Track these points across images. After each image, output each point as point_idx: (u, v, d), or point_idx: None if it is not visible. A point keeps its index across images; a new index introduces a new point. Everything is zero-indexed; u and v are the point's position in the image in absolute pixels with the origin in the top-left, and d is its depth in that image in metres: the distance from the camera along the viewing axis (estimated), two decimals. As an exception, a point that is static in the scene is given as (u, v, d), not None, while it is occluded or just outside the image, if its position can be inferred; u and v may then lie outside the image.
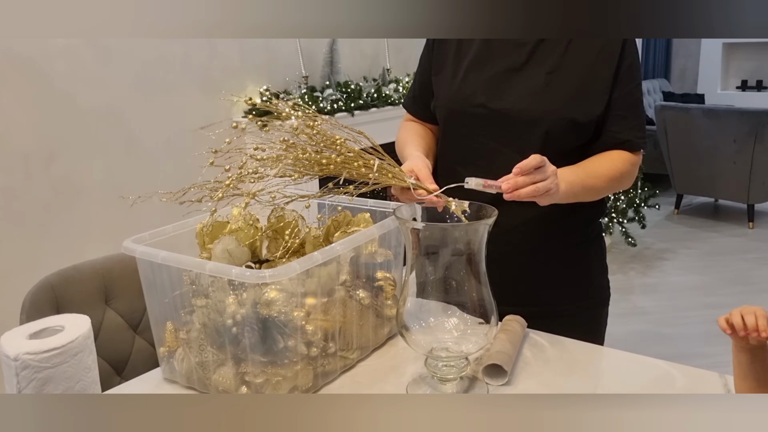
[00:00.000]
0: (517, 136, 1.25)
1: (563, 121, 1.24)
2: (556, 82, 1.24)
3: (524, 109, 1.25)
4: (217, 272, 1.02)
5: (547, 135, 1.24)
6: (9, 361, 0.86)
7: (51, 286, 1.39)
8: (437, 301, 1.06)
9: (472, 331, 1.05)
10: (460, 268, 1.03)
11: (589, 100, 1.25)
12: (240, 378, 1.06)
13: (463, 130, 1.31)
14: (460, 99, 1.30)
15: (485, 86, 1.28)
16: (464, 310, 1.05)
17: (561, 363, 1.17)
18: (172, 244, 1.15)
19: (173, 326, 1.14)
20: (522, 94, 1.25)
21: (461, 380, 1.09)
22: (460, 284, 1.04)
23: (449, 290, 1.05)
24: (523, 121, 1.25)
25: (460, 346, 1.05)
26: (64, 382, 0.89)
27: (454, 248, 1.02)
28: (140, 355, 1.48)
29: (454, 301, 1.05)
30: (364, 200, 1.34)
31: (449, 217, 1.10)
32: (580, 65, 1.24)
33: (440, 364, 1.06)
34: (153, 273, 1.11)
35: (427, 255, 1.04)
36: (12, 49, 2.35)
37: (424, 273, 1.05)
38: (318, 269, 1.08)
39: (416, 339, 1.06)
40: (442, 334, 1.06)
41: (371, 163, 1.06)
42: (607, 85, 1.25)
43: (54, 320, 0.95)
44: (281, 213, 1.24)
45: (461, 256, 1.03)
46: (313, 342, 1.08)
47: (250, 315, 1.02)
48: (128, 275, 1.46)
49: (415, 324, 1.07)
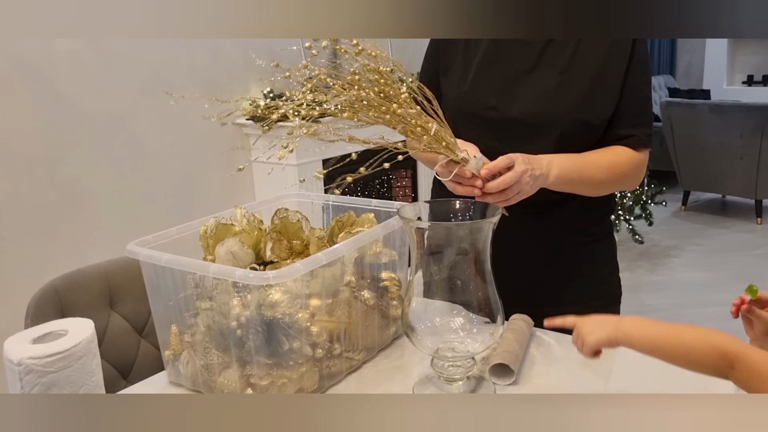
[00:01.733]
0: (529, 141, 1.23)
1: (576, 123, 1.23)
2: (568, 84, 1.23)
3: (536, 113, 1.23)
4: (221, 274, 1.01)
5: (560, 138, 1.23)
6: (13, 365, 0.86)
7: (55, 290, 1.38)
8: (443, 300, 1.05)
9: (479, 331, 1.04)
10: (465, 267, 1.03)
11: (601, 101, 1.24)
12: (245, 380, 1.05)
13: (471, 133, 1.30)
14: (470, 102, 1.28)
15: (495, 89, 1.26)
16: (470, 309, 1.04)
17: (569, 362, 1.16)
18: (176, 246, 1.15)
19: (178, 329, 1.13)
20: (533, 97, 1.24)
21: (468, 380, 1.08)
22: (465, 283, 1.03)
23: (455, 290, 1.04)
24: (535, 125, 1.23)
25: (466, 345, 1.04)
26: (68, 387, 0.88)
27: (459, 247, 1.02)
28: (145, 358, 1.48)
29: (459, 301, 1.04)
30: (368, 200, 1.34)
31: (453, 216, 1.09)
32: (591, 64, 1.23)
33: (446, 364, 1.05)
34: (157, 276, 1.11)
35: (432, 254, 1.04)
36: (16, 55, 2.36)
37: (429, 273, 1.04)
38: (322, 270, 1.07)
39: (422, 339, 1.05)
40: (448, 334, 1.06)
41: (429, 125, 1.04)
42: (619, 83, 1.24)
43: (57, 324, 0.95)
44: (285, 215, 1.24)
45: (466, 255, 1.02)
46: (318, 343, 1.08)
47: (254, 317, 1.02)
48: (133, 279, 1.46)
49: (421, 324, 1.06)
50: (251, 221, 1.22)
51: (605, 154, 1.25)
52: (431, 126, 1.04)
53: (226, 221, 1.21)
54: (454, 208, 1.11)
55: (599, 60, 1.23)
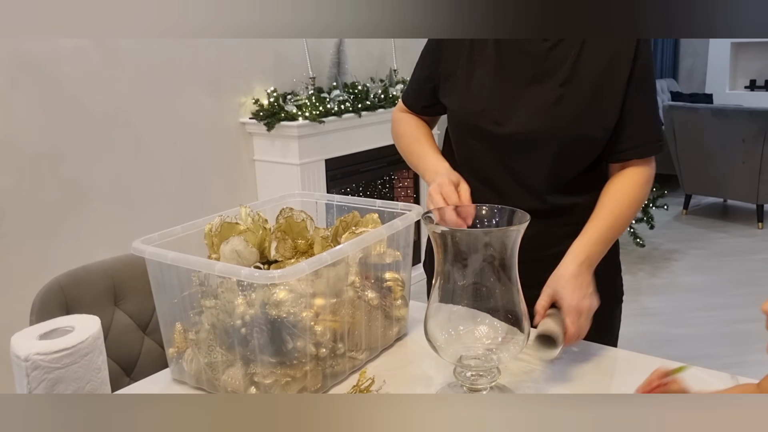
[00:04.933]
0: (529, 155, 1.24)
1: (576, 137, 1.22)
2: (569, 96, 1.21)
3: (535, 129, 1.22)
4: (226, 273, 1.02)
5: (559, 153, 1.22)
6: (19, 361, 0.87)
7: (60, 286, 1.39)
8: (467, 307, 1.02)
9: (504, 340, 1.01)
10: (491, 274, 0.99)
11: (602, 110, 1.22)
12: (249, 379, 1.06)
13: (472, 143, 1.30)
14: (472, 114, 1.27)
15: (496, 104, 1.25)
16: (495, 316, 1.01)
17: (573, 363, 1.17)
18: (181, 245, 1.15)
19: (182, 327, 1.14)
20: (534, 112, 1.22)
21: (491, 390, 1.05)
22: (490, 290, 1.00)
23: (479, 296, 1.00)
24: (534, 139, 1.23)
25: (491, 354, 1.01)
26: (75, 383, 0.89)
27: (485, 254, 0.98)
28: (149, 356, 1.48)
29: (484, 308, 1.01)
30: (372, 201, 1.34)
31: (479, 221, 1.08)
32: (592, 73, 1.21)
33: (469, 373, 1.03)
34: (162, 274, 1.11)
35: (457, 260, 1.00)
36: (21, 51, 2.37)
37: (453, 279, 1.01)
38: (327, 270, 1.08)
39: (444, 347, 1.02)
40: (471, 342, 1.02)
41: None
42: (621, 91, 1.21)
43: (64, 321, 0.95)
44: (290, 214, 1.24)
45: (492, 262, 0.99)
46: (322, 343, 1.08)
47: (259, 316, 1.02)
48: (137, 276, 1.47)
49: (444, 332, 1.02)
50: (256, 220, 1.23)
51: (616, 204, 1.25)
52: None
53: (231, 220, 1.22)
54: (481, 213, 1.09)
55: (601, 68, 1.21)
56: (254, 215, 1.24)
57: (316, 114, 3.09)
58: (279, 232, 1.22)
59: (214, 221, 1.21)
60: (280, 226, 1.23)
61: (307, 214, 1.27)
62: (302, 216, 1.25)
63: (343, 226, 1.24)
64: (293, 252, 1.21)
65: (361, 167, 3.55)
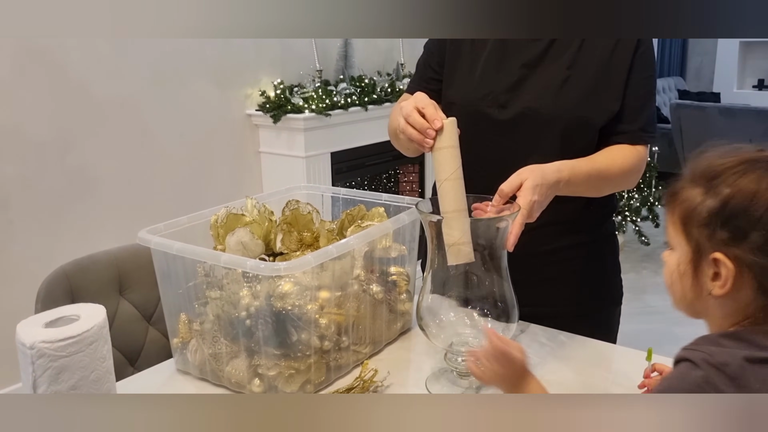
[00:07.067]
0: (533, 137, 1.24)
1: (579, 120, 1.22)
2: (574, 78, 1.23)
3: (539, 109, 1.23)
4: (231, 264, 1.02)
5: (562, 136, 1.23)
6: (25, 349, 0.87)
7: (66, 275, 1.39)
8: (458, 296, 1.06)
9: (493, 326, 1.04)
10: (482, 263, 1.03)
11: (606, 96, 1.23)
12: (253, 370, 1.06)
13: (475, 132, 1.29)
14: (477, 99, 1.27)
15: (502, 87, 1.25)
16: (485, 305, 1.05)
17: (573, 362, 1.16)
18: (187, 235, 1.15)
19: (187, 317, 1.14)
20: (539, 92, 1.23)
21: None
22: (481, 279, 1.04)
23: (470, 285, 1.04)
24: (538, 121, 1.23)
25: (480, 340, 1.04)
26: (79, 372, 0.89)
27: (476, 243, 1.01)
28: (153, 345, 1.49)
29: (474, 297, 1.05)
30: (378, 194, 1.34)
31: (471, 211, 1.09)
32: (597, 58, 1.23)
33: (459, 358, 1.06)
34: (167, 264, 1.11)
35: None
36: (29, 41, 2.37)
37: (445, 267, 1.04)
38: (332, 263, 1.07)
39: (436, 333, 1.06)
40: (462, 328, 1.06)
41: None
42: (623, 77, 1.23)
43: (70, 309, 0.95)
44: (296, 206, 1.24)
45: (484, 251, 1.02)
46: (327, 336, 1.08)
47: (263, 307, 1.02)
48: (143, 266, 1.47)
49: (435, 318, 1.07)
50: (262, 212, 1.23)
51: (606, 154, 1.24)
52: None
53: (237, 211, 1.22)
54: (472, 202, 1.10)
55: (606, 53, 1.23)
56: (260, 207, 1.24)
57: (322, 107, 3.08)
58: (285, 224, 1.22)
59: (220, 212, 1.21)
60: (286, 219, 1.23)
61: (313, 206, 1.27)
62: (308, 208, 1.25)
63: (349, 219, 1.23)
64: (299, 244, 1.21)
65: (367, 161, 3.54)
